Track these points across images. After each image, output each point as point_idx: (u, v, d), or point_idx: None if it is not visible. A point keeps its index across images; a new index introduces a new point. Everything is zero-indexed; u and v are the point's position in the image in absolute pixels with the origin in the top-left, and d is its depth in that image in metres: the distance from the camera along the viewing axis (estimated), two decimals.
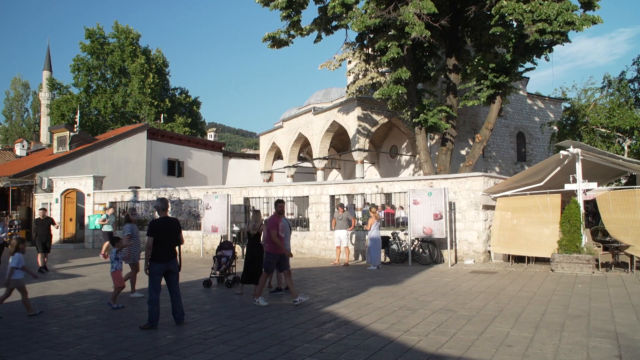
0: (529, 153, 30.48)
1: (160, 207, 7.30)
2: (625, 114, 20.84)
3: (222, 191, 18.18)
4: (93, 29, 45.76)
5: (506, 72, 17.27)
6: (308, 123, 29.05)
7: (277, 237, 8.46)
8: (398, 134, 29.43)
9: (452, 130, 19.27)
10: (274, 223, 8.55)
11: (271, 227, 8.50)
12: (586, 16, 15.01)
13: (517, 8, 14.61)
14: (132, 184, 24.26)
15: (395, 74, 17.18)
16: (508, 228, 13.22)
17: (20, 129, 63.00)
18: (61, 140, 27.64)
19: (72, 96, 45.66)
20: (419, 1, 15.26)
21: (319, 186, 17.19)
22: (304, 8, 18.34)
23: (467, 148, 26.64)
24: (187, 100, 53.33)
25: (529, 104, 31.07)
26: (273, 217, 8.74)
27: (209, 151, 35.02)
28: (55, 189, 23.10)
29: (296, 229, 17.61)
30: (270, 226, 8.53)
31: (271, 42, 19.53)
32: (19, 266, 7.99)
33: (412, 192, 13.98)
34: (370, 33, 18.69)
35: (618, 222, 11.99)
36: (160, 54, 50.83)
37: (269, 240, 8.56)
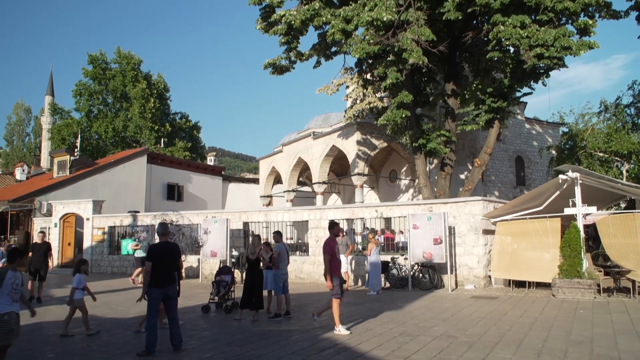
0: (528, 177, 30.54)
1: (160, 232, 7.29)
2: (622, 139, 20.97)
3: (221, 215, 18.14)
4: (95, 55, 46.34)
5: (504, 97, 17.44)
6: (307, 148, 29.17)
7: (329, 261, 8.12)
8: (397, 159, 29.53)
9: (451, 154, 19.35)
10: (329, 246, 8.21)
11: (326, 251, 8.18)
12: (583, 42, 15.24)
13: (514, 33, 14.84)
14: (131, 208, 24.23)
15: (398, 99, 17.33)
16: (508, 253, 13.16)
17: (21, 153, 63.20)
18: (61, 164, 27.71)
19: (73, 121, 45.96)
20: (417, 28, 15.51)
21: (318, 211, 17.17)
22: (304, 34, 18.62)
23: (466, 172, 26.70)
24: (187, 125, 53.66)
25: (527, 129, 31.27)
26: (328, 240, 8.37)
27: (208, 175, 35.06)
28: (55, 213, 23.06)
29: (295, 254, 17.51)
30: (325, 250, 8.20)
31: (272, 68, 19.77)
32: (80, 286, 8.28)
33: (411, 217, 13.96)
34: (369, 59, 18.94)
35: (618, 246, 11.95)
36: (161, 79, 51.36)
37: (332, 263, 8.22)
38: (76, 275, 8.40)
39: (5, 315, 5.47)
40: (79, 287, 8.30)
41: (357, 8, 16.24)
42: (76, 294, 8.30)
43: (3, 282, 5.51)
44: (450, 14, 15.21)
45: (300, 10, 17.14)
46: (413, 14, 15.78)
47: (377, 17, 14.93)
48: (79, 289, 8.30)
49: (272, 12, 18.23)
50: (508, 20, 14.98)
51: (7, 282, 5.53)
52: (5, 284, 5.52)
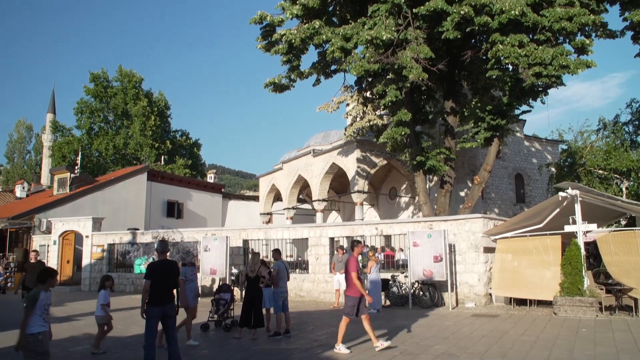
0: (528, 194, 30.54)
1: (160, 249, 7.27)
2: (621, 156, 21.03)
3: (221, 233, 18.10)
4: (97, 73, 46.72)
5: (503, 114, 17.53)
6: (307, 165, 29.23)
7: (358, 279, 8.00)
8: (397, 176, 29.56)
9: (450, 172, 19.38)
10: (353, 265, 8.10)
11: (352, 269, 8.05)
12: (580, 60, 15.39)
13: (512, 52, 14.98)
14: (131, 226, 24.18)
15: (397, 117, 17.43)
16: (509, 270, 13.10)
17: (22, 170, 63.31)
18: (61, 181, 27.74)
19: (74, 138, 46.13)
20: (416, 46, 15.67)
21: (318, 228, 17.13)
22: (304, 53, 18.79)
23: (466, 189, 26.71)
24: (187, 142, 53.85)
25: (526, 146, 31.38)
26: (351, 259, 8.26)
27: (208, 193, 35.06)
28: (54, 231, 23.00)
29: (295, 272, 17.43)
30: (351, 268, 8.07)
31: (273, 87, 19.92)
32: (105, 302, 8.34)
33: (411, 234, 13.93)
34: (369, 77, 19.10)
35: (620, 264, 11.90)
36: (162, 97, 51.70)
37: (351, 283, 8.10)
38: (101, 292, 8.46)
39: (40, 335, 5.51)
40: (105, 302, 8.36)
41: (356, 27, 16.43)
42: (97, 311, 8.37)
43: (37, 303, 5.54)
44: (449, 33, 15.38)
45: (300, 29, 17.33)
46: (412, 33, 15.95)
47: (377, 36, 15.09)
48: (105, 305, 8.35)
49: (273, 31, 18.42)
50: (506, 39, 15.14)
51: (40, 304, 5.58)
52: (39, 305, 5.57)
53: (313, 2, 16.68)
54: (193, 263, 10.13)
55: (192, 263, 10.05)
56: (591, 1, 15.41)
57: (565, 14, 14.66)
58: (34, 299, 5.57)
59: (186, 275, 9.45)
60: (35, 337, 5.47)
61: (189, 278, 9.52)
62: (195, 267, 10.04)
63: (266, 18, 18.10)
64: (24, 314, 5.50)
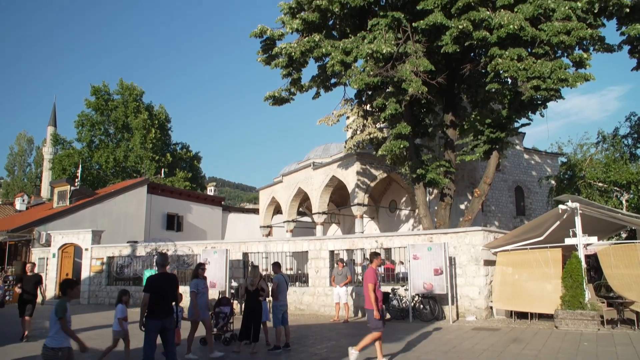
0: (528, 207, 30.50)
1: (160, 262, 7.26)
2: (621, 169, 21.06)
3: (220, 246, 18.06)
4: (98, 87, 46.94)
5: (502, 127, 17.59)
6: (307, 178, 29.24)
7: (373, 291, 7.92)
8: (397, 189, 29.56)
9: (450, 185, 19.40)
10: (371, 276, 8.02)
11: (368, 280, 7.98)
12: (578, 74, 15.48)
13: (511, 66, 15.09)
14: (131, 239, 24.14)
15: (396, 130, 17.51)
16: (509, 283, 13.05)
17: (22, 183, 63.31)
18: (61, 194, 27.73)
19: (75, 151, 46.21)
20: (416, 59, 15.79)
21: (318, 241, 17.10)
22: (304, 67, 18.91)
23: (466, 202, 26.69)
24: (188, 155, 53.94)
25: (526, 159, 31.41)
26: (370, 270, 8.18)
27: (208, 205, 35.04)
28: (53, 244, 22.93)
29: (295, 285, 17.36)
30: (368, 279, 8.01)
31: (272, 100, 20.01)
32: (122, 316, 8.36)
33: (411, 247, 13.90)
34: (369, 90, 19.22)
35: (621, 277, 11.85)
36: (162, 110, 51.88)
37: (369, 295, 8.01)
38: (118, 306, 8.48)
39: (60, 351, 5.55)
40: (122, 317, 8.37)
41: (356, 41, 16.56)
42: (114, 325, 8.38)
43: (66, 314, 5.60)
44: (448, 47, 15.50)
45: (300, 43, 17.47)
46: (412, 47, 16.08)
47: (377, 50, 15.21)
48: (122, 319, 8.36)
49: (273, 45, 18.57)
50: (505, 53, 15.27)
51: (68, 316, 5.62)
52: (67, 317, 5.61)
53: (313, 16, 16.83)
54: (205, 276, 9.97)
55: (204, 276, 9.89)
56: (588, 16, 15.55)
57: (563, 28, 14.79)
58: (64, 308, 5.62)
59: (198, 288, 9.35)
60: (55, 353, 5.45)
61: (200, 291, 9.38)
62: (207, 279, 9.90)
63: (266, 32, 18.25)
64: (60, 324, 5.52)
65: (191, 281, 9.55)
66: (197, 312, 9.16)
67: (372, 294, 7.83)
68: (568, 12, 14.85)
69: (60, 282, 6.03)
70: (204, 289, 9.62)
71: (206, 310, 9.62)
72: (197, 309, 9.15)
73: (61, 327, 5.50)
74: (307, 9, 16.98)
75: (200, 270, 9.70)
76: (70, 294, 5.90)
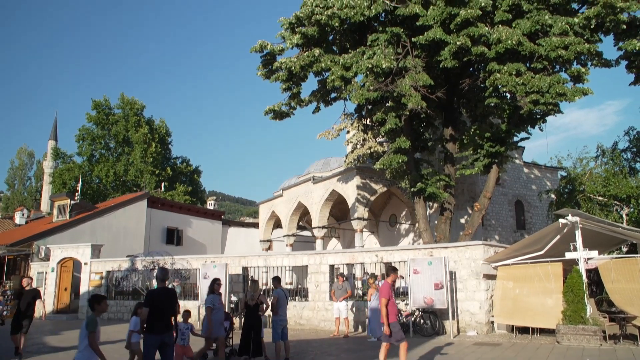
0: (528, 221, 30.45)
1: (160, 277, 7.23)
2: (620, 183, 21.06)
3: (220, 260, 18.00)
4: (100, 101, 47.16)
5: (502, 141, 17.65)
6: (307, 192, 29.24)
7: (385, 306, 7.93)
8: (397, 203, 29.53)
9: (450, 199, 19.39)
10: (385, 291, 8.01)
11: (383, 295, 7.99)
12: (577, 88, 15.58)
13: (510, 81, 15.19)
14: (130, 253, 24.06)
15: (395, 144, 17.56)
16: (510, 298, 12.97)
17: (22, 197, 63.26)
18: (61, 208, 27.71)
19: (75, 165, 46.27)
20: (415, 74, 15.89)
21: (318, 255, 17.05)
22: (304, 81, 19.00)
23: (466, 216, 26.65)
24: (188, 169, 53.99)
25: (525, 173, 31.44)
26: (385, 284, 8.17)
27: (208, 220, 34.99)
28: (52, 258, 22.85)
29: (295, 299, 17.27)
30: (382, 294, 8.01)
31: (273, 114, 20.10)
32: (136, 329, 8.30)
33: (412, 261, 13.86)
34: (369, 104, 19.31)
35: (622, 292, 11.79)
36: (163, 124, 52.04)
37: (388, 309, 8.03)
38: (133, 318, 8.48)
39: None
40: (135, 329, 8.33)
41: (356, 56, 16.68)
42: (133, 337, 8.33)
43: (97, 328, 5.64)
44: (447, 62, 15.62)
45: (300, 57, 17.59)
46: (411, 62, 16.21)
47: (376, 65, 15.31)
48: (135, 332, 8.31)
49: (273, 60, 18.69)
50: (504, 68, 15.38)
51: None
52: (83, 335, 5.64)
53: (312, 31, 16.98)
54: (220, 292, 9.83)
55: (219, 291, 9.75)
56: (585, 31, 15.70)
57: (561, 42, 14.93)
58: (95, 322, 5.66)
59: (214, 304, 9.25)
60: None
61: (216, 307, 9.27)
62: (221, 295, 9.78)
63: (266, 47, 18.39)
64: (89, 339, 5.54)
65: (207, 297, 9.47)
66: (211, 328, 9.07)
67: (383, 308, 7.91)
68: (565, 27, 15.00)
69: (89, 298, 6.11)
70: (220, 304, 9.50)
71: (221, 326, 9.48)
72: (212, 325, 9.06)
73: (89, 342, 5.54)
74: (307, 24, 17.13)
75: (216, 285, 9.60)
76: (99, 309, 5.95)
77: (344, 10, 16.02)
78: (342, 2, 16.09)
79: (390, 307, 8.00)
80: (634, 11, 15.72)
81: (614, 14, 15.09)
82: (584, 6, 17.07)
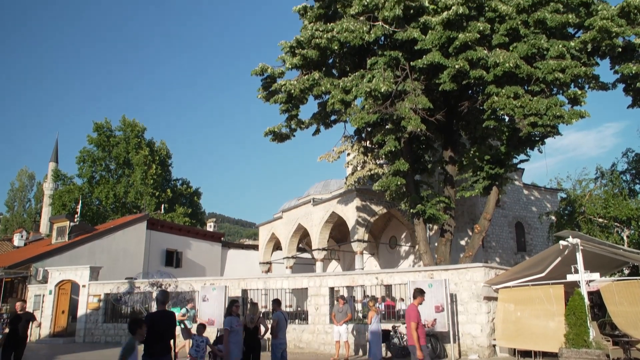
0: (529, 243, 30.34)
1: (160, 299, 7.18)
2: (620, 204, 21.05)
3: (219, 282, 17.88)
4: (101, 123, 47.43)
5: (501, 163, 17.71)
6: (307, 214, 29.20)
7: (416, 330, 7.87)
8: (397, 225, 29.47)
9: (450, 220, 19.36)
10: (413, 314, 7.98)
11: (412, 319, 7.96)
12: (574, 111, 15.73)
13: (508, 103, 15.34)
14: (129, 275, 23.87)
15: (394, 166, 17.62)
16: (512, 321, 12.85)
17: (21, 219, 63.13)
18: (60, 230, 27.63)
19: (75, 186, 46.29)
20: (414, 97, 16.03)
21: (318, 278, 16.94)
22: (303, 103, 19.14)
23: (466, 238, 26.58)
24: (188, 191, 54.00)
25: (525, 194, 31.45)
26: (412, 307, 8.12)
27: (208, 241, 34.85)
28: (50, 280, 22.68)
29: (295, 322, 17.10)
30: (411, 317, 7.98)
31: (273, 136, 20.20)
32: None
33: (412, 284, 13.74)
34: (368, 127, 19.43)
35: (625, 315, 11.68)
36: (164, 146, 52.27)
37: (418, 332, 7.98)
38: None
39: None
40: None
41: (355, 79, 16.85)
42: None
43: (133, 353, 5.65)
44: (446, 85, 15.78)
45: (300, 80, 17.77)
46: (410, 85, 16.36)
47: (375, 88, 15.46)
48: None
49: (274, 82, 18.87)
50: (502, 91, 15.53)
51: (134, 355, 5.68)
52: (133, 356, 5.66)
53: (312, 54, 17.17)
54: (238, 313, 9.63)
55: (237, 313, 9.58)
56: (582, 55, 15.91)
57: (558, 65, 15.12)
58: (132, 349, 5.65)
59: (232, 326, 9.13)
60: None
61: (234, 329, 9.12)
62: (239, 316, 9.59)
63: (267, 70, 18.58)
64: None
65: (224, 318, 9.36)
66: (228, 350, 8.95)
67: (414, 332, 7.87)
68: (562, 51, 15.22)
69: (129, 322, 6.12)
70: (238, 326, 9.32)
71: (239, 349, 9.29)
72: (228, 348, 8.94)
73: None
74: (307, 47, 17.35)
75: (234, 307, 9.46)
76: (140, 333, 5.95)
77: (344, 34, 16.25)
78: (341, 26, 16.32)
79: (420, 331, 7.97)
80: (629, 36, 15.98)
81: (609, 38, 15.33)
82: (579, 31, 17.33)
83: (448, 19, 15.36)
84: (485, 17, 16.10)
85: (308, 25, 17.68)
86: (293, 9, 18.77)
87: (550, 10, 15.66)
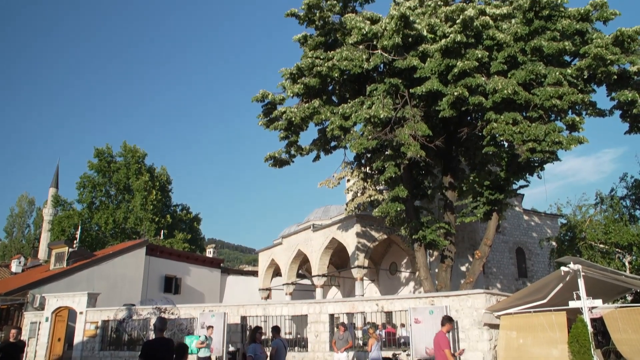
0: (530, 269, 30.15)
1: (159, 327, 7.11)
2: (621, 230, 21.00)
3: (218, 309, 17.70)
4: (102, 149, 47.69)
5: (501, 189, 17.74)
6: (307, 240, 29.09)
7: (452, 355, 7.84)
8: (397, 251, 29.33)
9: (451, 246, 19.28)
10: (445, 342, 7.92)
11: (444, 346, 7.93)
12: (572, 137, 15.84)
13: (507, 129, 15.46)
14: (127, 301, 23.66)
15: (393, 192, 17.65)
16: (514, 348, 12.66)
17: (20, 244, 62.84)
18: (59, 256, 27.48)
19: (75, 212, 46.23)
20: (414, 123, 16.16)
21: (317, 304, 16.78)
22: (304, 130, 19.28)
23: (467, 264, 26.41)
24: (187, 217, 53.94)
25: (525, 220, 31.41)
26: (441, 335, 8.08)
27: (207, 267, 34.63)
28: (47, 307, 22.43)
29: (294, 350, 16.85)
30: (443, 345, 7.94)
31: (272, 161, 20.27)
32: None
33: (413, 310, 13.63)
34: (368, 153, 19.53)
35: (630, 342, 11.51)
36: (164, 172, 52.44)
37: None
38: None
39: None
40: None
41: (355, 105, 17.01)
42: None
43: None
44: (445, 112, 15.93)
45: (300, 108, 17.94)
46: (409, 111, 16.51)
47: (375, 114, 15.59)
48: None
49: (274, 109, 19.05)
50: (500, 117, 15.69)
51: None
52: None
53: (313, 82, 17.38)
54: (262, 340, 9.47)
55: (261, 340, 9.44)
56: (579, 81, 16.13)
57: (555, 92, 15.30)
58: None
59: (256, 353, 9.01)
60: None
61: (258, 356, 9.02)
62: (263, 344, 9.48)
63: (268, 96, 18.78)
64: None
65: (249, 346, 9.28)
66: None
67: (451, 358, 7.94)
68: (559, 77, 15.42)
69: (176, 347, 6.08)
70: (262, 353, 9.21)
71: None
72: None
73: None
74: (307, 74, 17.58)
75: (257, 334, 9.40)
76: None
77: (344, 62, 16.48)
78: (341, 55, 16.58)
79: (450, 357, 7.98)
80: (623, 64, 16.22)
81: (604, 65, 15.56)
82: (576, 58, 17.60)
83: (446, 47, 15.61)
84: (484, 45, 16.36)
85: (308, 53, 17.95)
86: (293, 38, 19.07)
87: (547, 38, 15.95)
